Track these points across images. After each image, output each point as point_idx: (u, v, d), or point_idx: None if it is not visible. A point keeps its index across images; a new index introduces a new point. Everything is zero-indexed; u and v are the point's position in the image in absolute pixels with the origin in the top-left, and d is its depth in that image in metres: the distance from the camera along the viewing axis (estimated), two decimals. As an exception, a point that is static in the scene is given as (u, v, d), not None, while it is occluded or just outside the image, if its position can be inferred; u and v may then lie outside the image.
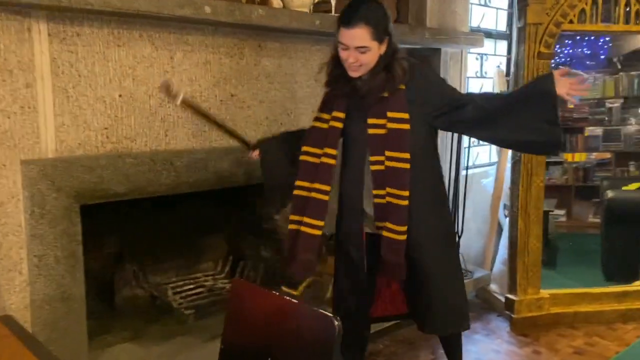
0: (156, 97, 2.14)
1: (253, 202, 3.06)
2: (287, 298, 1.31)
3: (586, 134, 5.47)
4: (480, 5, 3.87)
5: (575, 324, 3.14)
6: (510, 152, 3.27)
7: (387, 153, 1.92)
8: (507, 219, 3.29)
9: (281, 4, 2.42)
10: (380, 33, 1.85)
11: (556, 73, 1.89)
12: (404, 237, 1.93)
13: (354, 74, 1.91)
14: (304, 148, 2.04)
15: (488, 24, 3.96)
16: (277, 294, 1.35)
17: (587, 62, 5.57)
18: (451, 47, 3.24)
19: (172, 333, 2.45)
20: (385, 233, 1.95)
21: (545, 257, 4.25)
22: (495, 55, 4.02)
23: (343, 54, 1.88)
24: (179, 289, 2.72)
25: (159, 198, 2.26)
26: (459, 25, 3.35)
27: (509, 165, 3.26)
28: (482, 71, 3.95)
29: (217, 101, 2.33)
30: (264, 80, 2.48)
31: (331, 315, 1.19)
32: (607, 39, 5.41)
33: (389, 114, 1.91)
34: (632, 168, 5.36)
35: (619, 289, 3.29)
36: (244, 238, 3.10)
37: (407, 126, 1.91)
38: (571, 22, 3.03)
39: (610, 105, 5.42)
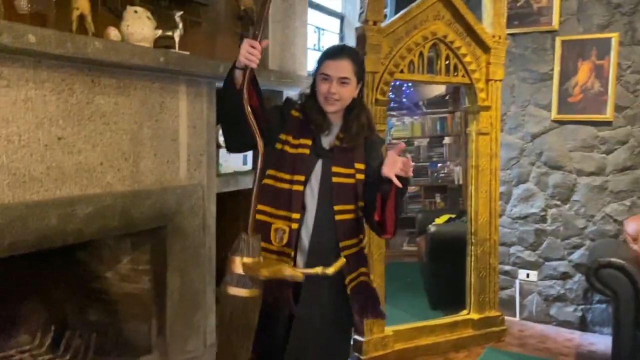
0: (-41, 142, 1.71)
1: (77, 259, 2.65)
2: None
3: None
4: (315, 50, 3.97)
5: (416, 358, 3.27)
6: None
7: (361, 203, 1.96)
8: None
9: (119, 36, 2.15)
10: (359, 74, 1.95)
11: (390, 153, 1.80)
12: None
13: (330, 107, 1.92)
14: (271, 172, 1.94)
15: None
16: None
17: (392, 105, 6.13)
18: (293, 90, 3.23)
19: None
20: (363, 278, 2.00)
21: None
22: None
23: (324, 87, 1.90)
24: (-16, 375, 2.20)
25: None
26: (298, 69, 3.37)
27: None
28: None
29: (41, 146, 1.95)
30: (98, 120, 2.16)
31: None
32: (410, 84, 6.02)
33: (357, 165, 1.96)
34: (438, 199, 6.00)
35: (450, 319, 3.53)
36: (67, 302, 2.65)
37: (363, 177, 1.97)
38: (402, 71, 3.24)
39: (418, 144, 6.04)
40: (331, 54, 1.94)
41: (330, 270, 1.77)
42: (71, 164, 2.07)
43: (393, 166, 1.74)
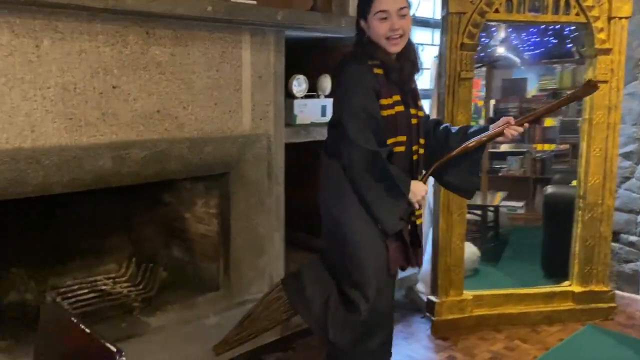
0: (18, 89, 1.94)
1: (162, 200, 2.90)
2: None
3: (546, 125, 5.39)
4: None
5: (499, 326, 3.03)
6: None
7: (422, 141, 2.01)
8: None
9: (168, -13, 2.22)
10: None
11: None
12: None
13: (395, 47, 1.86)
14: (391, 140, 1.94)
15: (425, 12, 3.81)
16: (89, 332, 1.15)
17: (537, 51, 5.46)
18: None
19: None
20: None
21: (489, 253, 4.17)
22: (433, 45, 3.86)
23: (384, 27, 1.82)
24: (70, 294, 2.54)
25: (53, 196, 2.08)
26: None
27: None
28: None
29: (96, 94, 2.13)
30: (153, 70, 2.29)
31: None
32: (573, 28, 5.29)
33: (419, 103, 2.00)
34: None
35: (546, 289, 3.19)
36: (150, 238, 2.93)
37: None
38: (497, 11, 2.88)
39: (567, 97, 5.34)
40: None
41: None
42: (127, 111, 2.23)
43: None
